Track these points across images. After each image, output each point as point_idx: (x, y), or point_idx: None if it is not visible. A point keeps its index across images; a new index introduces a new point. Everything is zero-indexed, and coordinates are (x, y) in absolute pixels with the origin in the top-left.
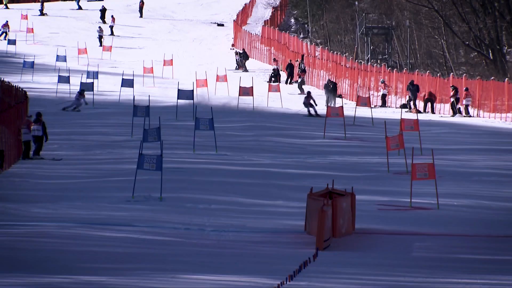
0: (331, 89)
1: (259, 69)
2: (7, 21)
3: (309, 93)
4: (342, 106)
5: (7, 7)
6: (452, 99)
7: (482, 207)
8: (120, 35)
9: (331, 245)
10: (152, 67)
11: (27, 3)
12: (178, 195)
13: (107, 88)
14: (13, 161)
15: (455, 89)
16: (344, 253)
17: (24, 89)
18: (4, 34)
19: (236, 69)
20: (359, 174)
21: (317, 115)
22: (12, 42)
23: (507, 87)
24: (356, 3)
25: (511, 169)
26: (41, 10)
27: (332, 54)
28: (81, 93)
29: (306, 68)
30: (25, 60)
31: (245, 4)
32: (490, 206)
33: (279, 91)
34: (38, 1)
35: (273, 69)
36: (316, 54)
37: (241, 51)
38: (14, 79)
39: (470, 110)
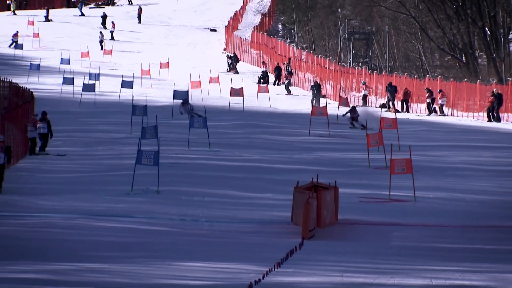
0: (316, 90)
1: (249, 71)
2: (17, 31)
3: (354, 107)
4: (326, 106)
5: (15, 14)
6: (428, 100)
7: (456, 200)
8: (120, 39)
9: (316, 234)
10: (149, 69)
11: (34, 9)
12: (174, 188)
13: (108, 89)
14: (20, 157)
15: (430, 91)
16: (328, 242)
17: (30, 90)
18: (14, 43)
19: (227, 71)
20: (342, 169)
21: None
22: (19, 46)
23: (479, 88)
24: (339, 10)
25: (482, 164)
26: (46, 17)
27: (317, 58)
28: (184, 103)
29: (292, 70)
30: (31, 63)
31: (236, 11)
32: (463, 198)
33: (268, 92)
34: (44, 8)
35: (262, 71)
36: (302, 58)
37: (232, 55)
38: (21, 81)
39: (445, 109)
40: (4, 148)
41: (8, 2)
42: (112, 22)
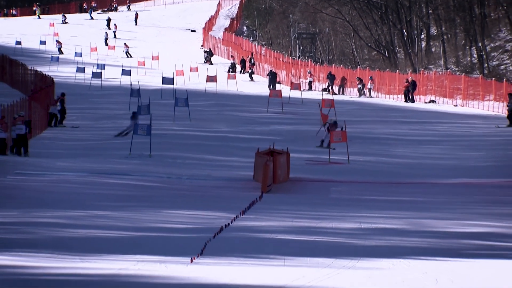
0: (272, 77)
1: (220, 62)
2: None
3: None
4: (280, 90)
5: (39, 17)
6: (359, 86)
7: (380, 162)
8: (121, 38)
9: (272, 189)
10: (144, 61)
11: (54, 14)
12: (163, 153)
13: (111, 76)
14: (43, 128)
15: (360, 80)
16: (281, 195)
17: (51, 77)
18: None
19: (204, 62)
20: (293, 138)
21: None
22: (43, 42)
23: (398, 76)
24: (291, 15)
25: (400, 134)
26: (64, 20)
27: (273, 52)
28: (133, 116)
29: (255, 62)
30: (52, 55)
31: (211, 16)
32: (386, 161)
33: (235, 79)
34: (62, 13)
35: (231, 63)
36: (262, 52)
37: (208, 50)
38: (44, 69)
39: (372, 92)
40: (24, 121)
41: (34, 8)
42: (115, 24)
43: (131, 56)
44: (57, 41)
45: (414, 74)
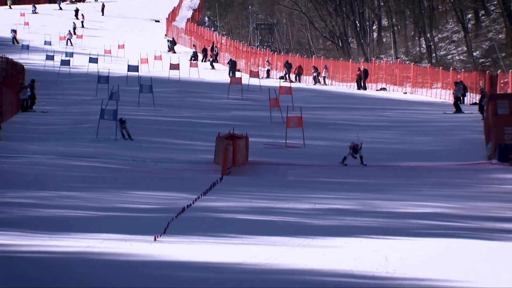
0: (232, 65)
1: (183, 51)
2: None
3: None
4: (240, 77)
5: (10, 8)
6: (314, 74)
7: (334, 146)
8: (88, 27)
9: (232, 171)
10: (110, 50)
11: (25, 4)
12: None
13: (79, 63)
14: (14, 113)
15: (315, 68)
16: (241, 177)
17: (22, 64)
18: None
19: (168, 51)
20: (251, 123)
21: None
22: (13, 31)
23: (351, 65)
24: (250, 7)
25: (353, 120)
26: (34, 10)
27: (233, 42)
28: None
29: (218, 51)
30: (23, 44)
31: (174, 7)
32: (340, 145)
33: (197, 67)
34: (32, 3)
35: (193, 52)
36: (223, 42)
37: (171, 39)
38: (15, 57)
39: (327, 80)
40: None
41: None
42: (82, 15)
43: (72, 45)
44: (13, 30)
45: (366, 63)
